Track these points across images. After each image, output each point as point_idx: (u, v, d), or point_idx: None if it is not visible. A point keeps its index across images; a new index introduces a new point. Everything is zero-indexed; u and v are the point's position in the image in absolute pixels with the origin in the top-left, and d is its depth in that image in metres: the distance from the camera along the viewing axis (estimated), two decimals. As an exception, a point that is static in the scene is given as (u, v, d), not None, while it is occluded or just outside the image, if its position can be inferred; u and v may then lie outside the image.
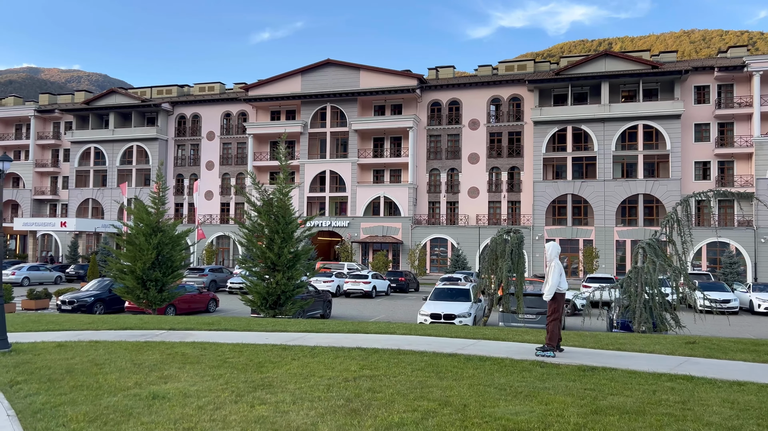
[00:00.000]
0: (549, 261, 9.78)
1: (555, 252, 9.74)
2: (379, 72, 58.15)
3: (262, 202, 16.33)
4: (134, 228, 17.60)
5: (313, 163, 58.31)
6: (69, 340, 10.27)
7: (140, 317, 14.16)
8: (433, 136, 56.97)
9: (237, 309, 26.65)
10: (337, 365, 7.97)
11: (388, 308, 27.36)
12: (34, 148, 67.48)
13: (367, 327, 12.15)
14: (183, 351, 9.09)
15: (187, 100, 63.69)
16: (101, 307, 23.65)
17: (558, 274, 9.43)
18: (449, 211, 56.16)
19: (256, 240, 16.15)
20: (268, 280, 15.82)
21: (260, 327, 12.12)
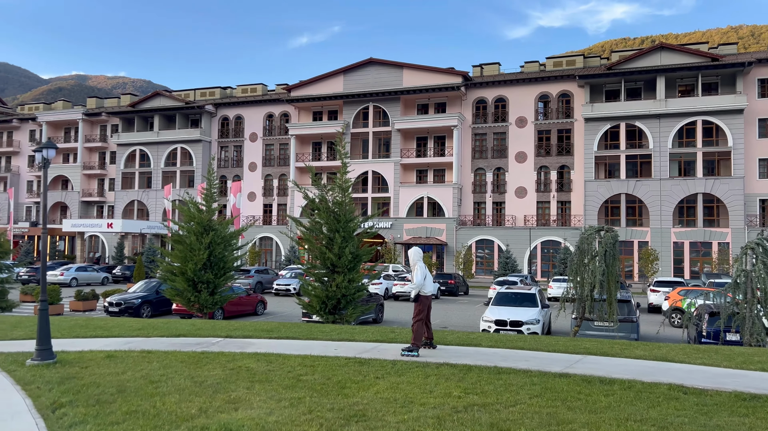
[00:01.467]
0: (412, 265, 10.02)
1: (417, 256, 10.02)
2: (422, 70, 56.81)
3: (320, 199, 15.21)
4: (185, 227, 16.70)
5: (355, 164, 57.26)
6: (119, 349, 9.30)
7: (192, 322, 13.19)
8: (478, 134, 55.29)
9: (285, 311, 25.74)
10: (432, 387, 6.73)
11: (442, 312, 26.00)
12: (82, 150, 68.44)
13: (445, 337, 10.85)
14: (247, 365, 7.98)
15: (229, 101, 63.58)
16: (148, 309, 23.10)
17: (422, 276, 9.70)
18: (495, 212, 54.38)
19: (314, 240, 15.03)
20: (327, 283, 14.68)
21: (324, 334, 10.96)
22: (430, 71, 56.09)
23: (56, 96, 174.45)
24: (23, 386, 6.85)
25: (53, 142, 8.36)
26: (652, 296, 27.49)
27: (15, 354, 8.93)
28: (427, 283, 9.84)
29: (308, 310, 15.02)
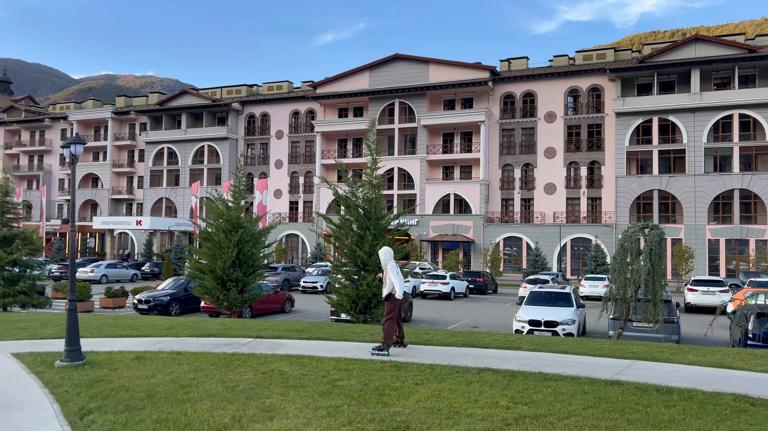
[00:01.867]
0: (383, 265, 9.95)
1: (388, 256, 9.96)
2: (448, 65, 56.17)
3: (350, 195, 14.87)
4: (213, 225, 16.53)
5: (380, 160, 56.87)
6: (148, 350, 9.10)
7: (221, 321, 12.98)
8: (506, 130, 54.46)
9: (313, 309, 25.54)
10: (477, 395, 6.34)
11: (471, 311, 25.53)
12: (111, 148, 69.35)
13: (482, 339, 10.42)
14: (279, 368, 7.68)
15: (256, 99, 63.75)
16: (177, 307, 23.10)
17: (396, 275, 9.73)
18: (524, 209, 53.53)
19: (344, 237, 14.70)
20: (358, 281, 14.35)
21: (356, 335, 10.63)
22: (456, 66, 55.43)
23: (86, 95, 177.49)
24: (51, 389, 6.66)
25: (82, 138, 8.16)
26: (689, 295, 26.60)
27: (44, 355, 8.79)
28: (401, 283, 9.81)
29: (338, 309, 14.70)
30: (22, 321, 13.02)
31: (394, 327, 9.58)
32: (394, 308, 9.66)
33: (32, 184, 74.56)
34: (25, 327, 11.93)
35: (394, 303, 9.69)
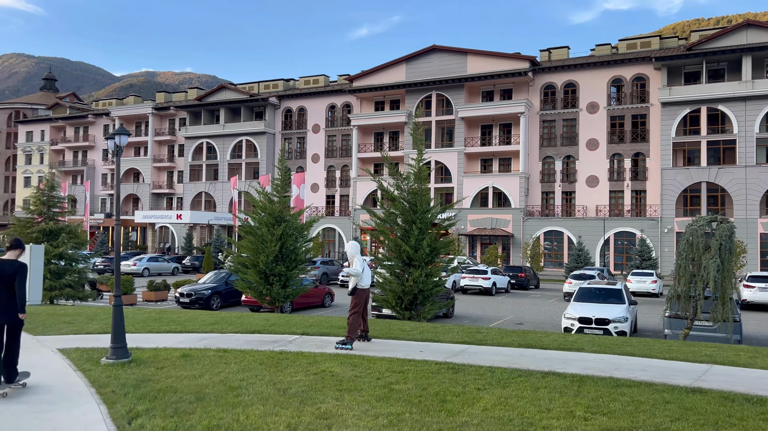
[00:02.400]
0: (350, 258, 9.99)
1: (355, 249, 9.99)
2: (487, 56, 55.15)
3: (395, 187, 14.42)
4: (256, 218, 16.32)
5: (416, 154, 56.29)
6: (194, 347, 8.87)
7: (266, 317, 12.74)
8: (546, 121, 53.20)
9: (352, 305, 25.27)
10: (548, 403, 5.85)
11: (514, 308, 24.88)
12: (152, 144, 70.51)
13: (541, 340, 9.88)
14: (330, 368, 7.34)
15: (292, 93, 63.85)
16: (218, 300, 23.10)
17: (360, 268, 9.72)
18: (565, 202, 52.28)
19: (388, 231, 14.28)
20: (403, 277, 13.93)
21: (404, 334, 10.22)
22: (495, 57, 54.40)
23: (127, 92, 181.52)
24: (98, 389, 6.45)
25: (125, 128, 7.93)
26: (746, 292, 25.37)
27: (90, 351, 8.65)
28: (365, 276, 9.88)
29: (383, 305, 14.30)
30: (68, 314, 13.04)
31: (359, 322, 9.64)
32: (360, 302, 9.70)
33: (76, 179, 76.43)
34: (71, 321, 11.91)
35: (360, 296, 9.76)
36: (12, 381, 6.75)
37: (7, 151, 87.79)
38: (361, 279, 9.83)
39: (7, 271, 6.94)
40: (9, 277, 6.92)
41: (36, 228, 19.36)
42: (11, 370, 6.76)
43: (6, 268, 6.97)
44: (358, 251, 10.06)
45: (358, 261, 9.84)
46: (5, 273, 6.92)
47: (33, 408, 5.83)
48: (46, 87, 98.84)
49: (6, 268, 6.97)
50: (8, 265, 7.02)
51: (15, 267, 7.01)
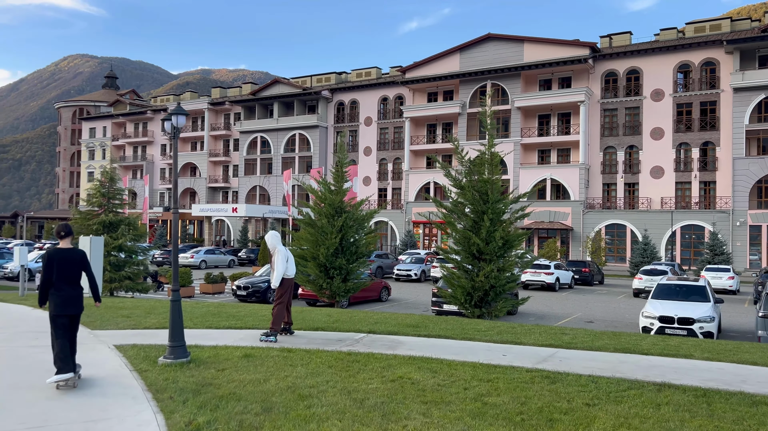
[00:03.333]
0: (272, 249, 9.77)
1: (276, 240, 9.79)
2: (544, 43, 53.22)
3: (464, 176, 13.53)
4: (315, 209, 15.75)
5: (472, 145, 54.90)
6: (255, 346, 8.32)
7: (328, 313, 12.13)
8: (607, 110, 50.95)
9: (409, 298, 24.58)
10: (679, 426, 4.92)
11: (580, 304, 23.61)
12: (208, 138, 71.66)
13: (638, 343, 8.84)
14: (409, 375, 6.59)
15: (345, 86, 63.51)
16: (274, 293, 22.81)
17: (284, 260, 9.57)
18: (627, 194, 50.00)
19: (455, 222, 13.41)
20: (472, 272, 13.04)
21: (480, 334, 9.38)
22: (553, 44, 52.45)
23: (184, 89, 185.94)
24: (155, 394, 5.93)
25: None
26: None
27: (147, 348, 8.23)
28: (290, 266, 9.70)
29: (450, 302, 13.44)
30: (126, 308, 12.81)
31: (283, 313, 9.47)
32: (285, 292, 9.55)
33: (136, 173, 78.54)
34: (129, 315, 11.62)
35: (285, 287, 9.58)
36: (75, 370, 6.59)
37: (72, 147, 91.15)
38: (287, 269, 9.64)
39: (75, 260, 6.70)
40: (77, 266, 6.71)
41: (96, 220, 19.44)
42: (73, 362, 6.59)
43: (73, 257, 6.70)
44: (279, 241, 9.81)
45: (281, 252, 9.61)
46: (73, 261, 6.68)
47: (84, 416, 5.35)
48: (107, 85, 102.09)
49: (73, 257, 6.70)
50: (73, 254, 6.75)
51: (80, 255, 6.77)
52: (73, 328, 6.68)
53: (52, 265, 6.59)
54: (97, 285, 7.08)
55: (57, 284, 6.58)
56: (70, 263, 6.66)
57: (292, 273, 9.78)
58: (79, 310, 6.71)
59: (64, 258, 6.66)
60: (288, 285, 9.67)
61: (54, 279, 6.58)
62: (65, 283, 6.60)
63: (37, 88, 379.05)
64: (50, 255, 6.65)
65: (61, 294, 6.55)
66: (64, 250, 6.74)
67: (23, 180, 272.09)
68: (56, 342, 6.49)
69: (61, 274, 6.59)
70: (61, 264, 6.62)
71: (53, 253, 6.67)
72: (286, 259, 9.61)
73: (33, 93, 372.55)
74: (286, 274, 9.68)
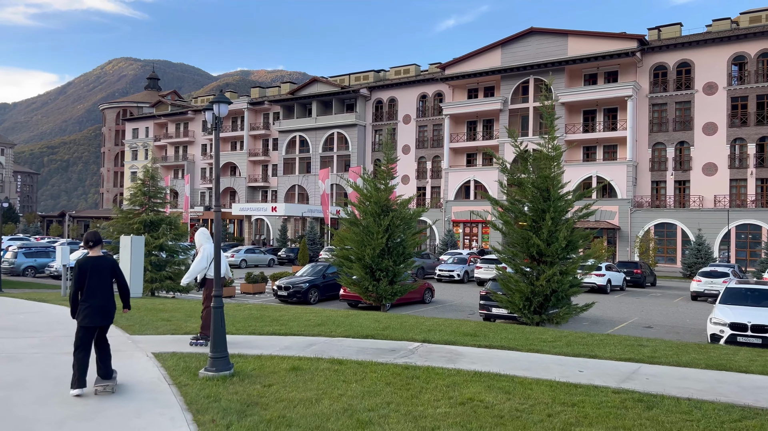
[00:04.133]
0: (198, 246, 9.58)
1: (203, 237, 9.61)
2: (589, 36, 51.53)
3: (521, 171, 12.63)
4: (360, 208, 15.05)
5: (513, 142, 53.66)
6: (303, 356, 7.66)
7: (376, 318, 11.43)
8: (656, 104, 48.96)
9: (453, 300, 23.74)
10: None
11: (636, 308, 22.39)
12: (247, 138, 72.05)
13: (731, 358, 7.82)
14: (478, 395, 5.81)
15: (383, 84, 62.88)
16: (316, 294, 22.40)
17: (205, 259, 9.30)
18: (678, 192, 47.93)
19: (513, 221, 12.53)
20: (531, 275, 12.13)
21: (547, 345, 8.51)
22: (598, 37, 50.71)
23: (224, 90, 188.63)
24: (195, 415, 5.31)
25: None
26: None
27: (188, 357, 7.69)
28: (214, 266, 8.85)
29: (508, 307, 12.53)
30: (167, 310, 12.38)
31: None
32: (211, 294, 8.90)
33: (177, 173, 79.60)
34: (170, 318, 11.17)
35: (210, 288, 9.20)
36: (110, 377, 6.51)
37: (116, 147, 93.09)
38: (210, 270, 9.27)
39: (104, 268, 6.60)
40: (108, 274, 6.62)
41: (137, 219, 19.24)
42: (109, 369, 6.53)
43: (103, 266, 6.61)
44: (207, 239, 9.54)
45: (204, 250, 9.33)
46: (103, 270, 6.58)
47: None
48: (150, 86, 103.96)
49: (103, 266, 6.61)
50: (104, 262, 6.65)
51: (111, 263, 6.70)
52: (101, 337, 6.61)
53: (84, 275, 6.50)
54: (128, 292, 6.94)
55: (88, 294, 6.47)
56: (102, 272, 6.57)
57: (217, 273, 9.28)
58: (109, 321, 6.60)
59: (95, 267, 6.55)
60: (212, 285, 9.06)
61: (85, 290, 6.48)
62: (97, 293, 6.49)
63: (83, 91, 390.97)
64: (81, 265, 6.56)
65: (93, 304, 6.43)
66: (95, 259, 6.63)
67: (71, 180, 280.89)
68: (77, 353, 6.35)
69: (92, 284, 6.49)
70: (93, 273, 6.51)
71: (84, 263, 6.58)
72: (206, 259, 9.29)
73: (80, 96, 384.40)
74: (210, 275, 9.27)
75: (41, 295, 16.35)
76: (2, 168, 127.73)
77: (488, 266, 29.42)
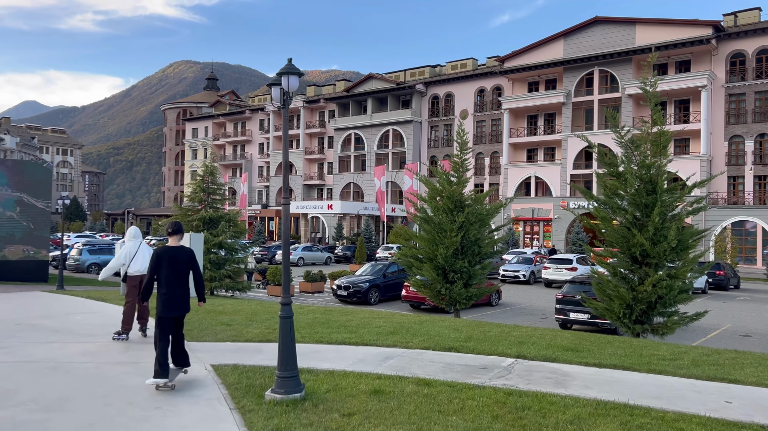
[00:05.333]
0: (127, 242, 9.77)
1: (129, 235, 9.82)
2: (659, 24, 48.70)
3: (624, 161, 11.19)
4: (431, 203, 13.93)
5: (577, 136, 51.37)
6: (382, 374, 6.62)
7: (453, 325, 10.27)
8: (733, 95, 45.77)
9: (521, 303, 22.38)
10: None
11: (725, 313, 20.46)
12: (303, 136, 72.13)
13: None
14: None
15: (440, 79, 61.55)
16: (376, 294, 21.58)
17: (125, 256, 9.49)
18: (758, 188, 44.67)
19: (610, 218, 11.12)
20: (632, 279, 10.71)
21: (667, 364, 7.14)
22: (668, 25, 47.85)
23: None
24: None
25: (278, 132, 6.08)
26: None
27: (251, 372, 6.78)
28: (135, 264, 9.43)
29: (606, 316, 11.12)
30: (226, 312, 11.63)
31: (133, 312, 9.32)
32: (132, 290, 9.33)
33: (235, 172, 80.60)
34: (230, 322, 10.38)
35: (130, 284, 9.41)
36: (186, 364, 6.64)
37: (177, 147, 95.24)
38: (130, 267, 9.42)
39: (182, 259, 6.51)
40: (184, 265, 6.54)
41: (196, 216, 18.79)
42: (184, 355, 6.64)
43: (180, 256, 6.52)
44: (133, 236, 9.70)
45: (127, 248, 9.51)
46: (180, 260, 6.50)
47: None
48: (208, 87, 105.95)
49: (180, 256, 6.52)
50: (181, 252, 6.57)
51: (189, 254, 6.61)
52: (177, 329, 6.58)
53: (161, 264, 6.43)
54: (203, 285, 6.96)
55: (164, 284, 6.41)
56: (179, 262, 6.47)
57: (136, 270, 9.43)
58: (184, 311, 6.57)
59: (173, 257, 6.47)
60: (132, 283, 9.41)
61: (161, 279, 6.42)
62: (173, 283, 6.42)
63: (146, 93, 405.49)
64: (158, 254, 6.49)
65: (168, 294, 6.40)
66: (173, 248, 6.56)
67: (134, 180, 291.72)
68: (158, 344, 6.38)
69: (168, 274, 6.41)
70: (170, 263, 6.44)
71: (161, 252, 6.51)
72: (126, 255, 9.46)
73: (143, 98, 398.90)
74: (131, 272, 9.42)
75: (101, 293, 16.03)
76: (71, 168, 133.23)
77: (557, 266, 27.88)
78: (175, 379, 6.45)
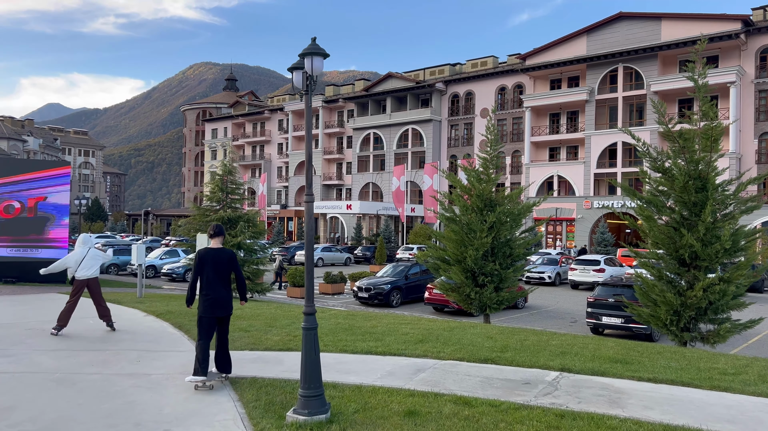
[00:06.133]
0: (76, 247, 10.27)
1: (79, 242, 10.26)
2: (685, 19, 47.46)
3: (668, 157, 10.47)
4: (459, 202, 13.26)
5: (600, 135, 50.34)
6: (416, 392, 5.99)
7: (485, 332, 9.58)
8: (763, 91, 44.41)
9: (548, 305, 21.64)
10: None
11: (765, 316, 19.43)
12: (322, 136, 71.77)
13: None
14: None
15: (460, 77, 60.76)
16: (398, 296, 21.04)
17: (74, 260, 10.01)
18: (790, 186, 43.25)
19: (656, 218, 10.35)
20: (679, 283, 9.94)
21: (732, 379, 6.45)
22: (695, 19, 46.58)
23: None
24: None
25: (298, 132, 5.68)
26: None
27: (270, 387, 6.21)
28: (83, 267, 9.94)
29: (651, 323, 10.34)
30: (245, 317, 11.11)
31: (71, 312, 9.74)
32: (76, 292, 9.91)
33: (255, 172, 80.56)
34: (248, 328, 9.86)
35: (76, 286, 9.99)
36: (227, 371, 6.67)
37: (196, 147, 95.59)
38: (78, 270, 9.92)
39: (223, 260, 6.66)
40: (226, 266, 6.67)
41: (214, 216, 18.37)
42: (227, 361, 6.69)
43: (221, 257, 6.67)
44: (80, 244, 10.15)
45: (76, 252, 10.02)
46: (222, 261, 6.64)
47: None
48: (228, 87, 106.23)
49: (221, 257, 6.67)
50: (223, 253, 6.72)
51: (229, 255, 6.77)
52: (222, 330, 6.70)
53: (203, 266, 6.58)
54: (245, 285, 7.15)
55: (207, 285, 6.56)
56: (221, 263, 6.63)
57: (84, 274, 9.91)
58: (227, 312, 6.69)
59: (215, 258, 6.62)
60: (79, 285, 9.95)
61: (204, 280, 6.57)
62: (215, 284, 6.56)
63: (167, 95, 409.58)
64: (201, 256, 6.64)
65: (211, 295, 6.53)
66: (215, 250, 6.72)
67: (155, 181, 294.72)
68: (198, 342, 6.52)
69: (211, 275, 6.56)
70: (212, 264, 6.58)
71: (204, 254, 6.66)
72: (74, 261, 9.94)
73: (164, 100, 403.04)
74: (78, 275, 9.92)
75: (117, 296, 15.65)
76: (93, 169, 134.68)
77: (584, 268, 27.05)
78: (214, 379, 6.51)
